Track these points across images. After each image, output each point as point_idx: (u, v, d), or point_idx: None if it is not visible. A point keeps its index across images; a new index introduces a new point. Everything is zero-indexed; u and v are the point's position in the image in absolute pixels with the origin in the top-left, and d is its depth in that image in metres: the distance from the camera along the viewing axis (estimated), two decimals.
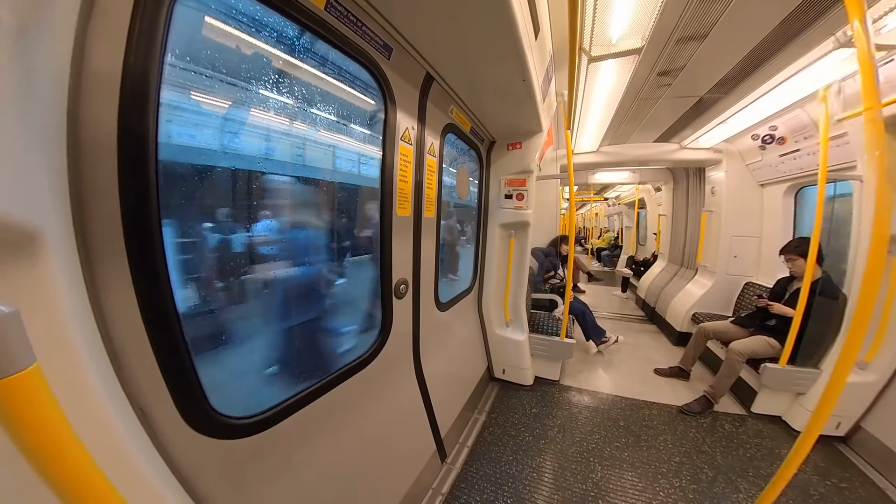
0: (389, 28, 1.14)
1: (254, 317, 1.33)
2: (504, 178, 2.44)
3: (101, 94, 0.55)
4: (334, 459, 1.12)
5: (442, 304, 1.97)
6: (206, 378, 0.75)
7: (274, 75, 1.13)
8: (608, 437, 2.06)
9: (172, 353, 0.67)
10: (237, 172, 1.17)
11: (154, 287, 0.63)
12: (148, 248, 0.62)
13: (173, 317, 0.66)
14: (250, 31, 0.97)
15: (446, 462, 1.83)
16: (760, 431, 2.12)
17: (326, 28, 0.97)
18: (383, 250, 1.36)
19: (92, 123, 0.54)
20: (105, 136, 0.55)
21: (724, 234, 3.34)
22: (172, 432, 0.69)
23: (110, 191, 0.57)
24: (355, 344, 1.45)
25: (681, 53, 1.81)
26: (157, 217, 0.62)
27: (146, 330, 0.63)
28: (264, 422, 0.88)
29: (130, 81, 0.57)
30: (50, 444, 0.35)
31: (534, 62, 1.39)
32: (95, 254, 0.57)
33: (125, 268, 0.60)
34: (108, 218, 0.57)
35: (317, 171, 1.53)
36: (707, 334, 2.68)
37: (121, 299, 0.60)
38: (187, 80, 0.88)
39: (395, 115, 1.31)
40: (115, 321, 0.59)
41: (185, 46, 0.80)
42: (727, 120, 2.71)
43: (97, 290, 0.57)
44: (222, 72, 0.97)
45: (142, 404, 0.63)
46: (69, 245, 0.52)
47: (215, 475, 0.77)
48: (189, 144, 1.00)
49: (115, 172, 0.57)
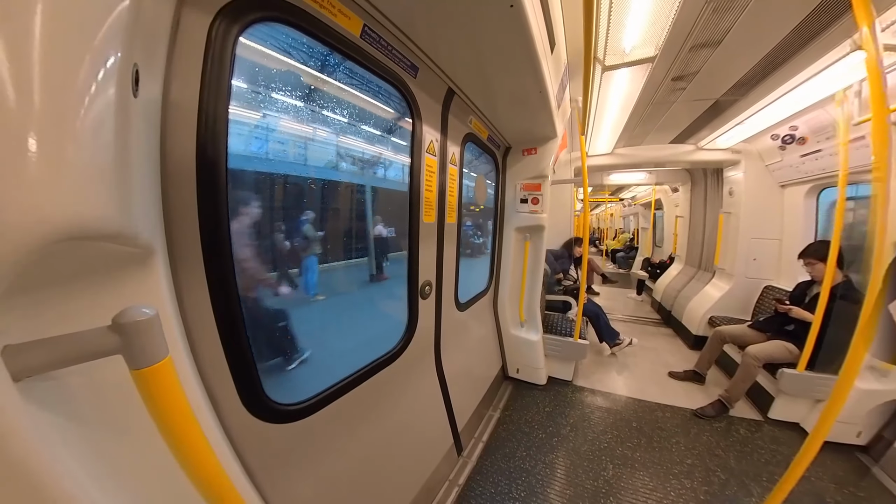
0: (416, 49, 1.23)
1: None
2: (520, 182, 2.51)
3: (182, 126, 0.64)
4: (362, 447, 1.21)
5: (461, 305, 2.06)
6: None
7: (332, 103, 1.23)
8: (620, 438, 2.10)
9: (237, 348, 0.77)
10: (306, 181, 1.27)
11: (224, 290, 0.73)
12: (219, 256, 0.72)
13: (238, 316, 0.77)
14: (301, 59, 1.08)
15: (463, 455, 1.91)
16: (777, 437, 2.11)
17: (361, 53, 1.07)
18: (411, 255, 1.46)
19: (176, 149, 0.64)
20: (185, 160, 0.66)
21: (742, 237, 3.30)
22: (235, 415, 0.79)
23: (190, 208, 0.67)
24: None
25: (694, 59, 1.83)
26: (227, 227, 0.73)
27: (217, 327, 0.73)
28: (306, 409, 0.99)
29: (205, 113, 0.67)
30: (179, 422, 0.43)
31: (549, 73, 1.46)
32: (181, 261, 0.67)
33: (201, 272, 0.70)
34: (189, 230, 0.68)
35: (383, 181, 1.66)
36: (724, 338, 2.68)
37: (198, 301, 0.70)
38: (250, 105, 0.99)
39: (420, 128, 1.41)
40: (194, 320, 0.70)
41: (248, 77, 0.92)
42: (745, 121, 2.69)
43: (181, 294, 0.67)
44: (282, 94, 1.08)
45: (212, 390, 0.73)
46: (165, 254, 0.64)
47: (264, 454, 0.87)
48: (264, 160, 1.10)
49: (195, 193, 0.67)
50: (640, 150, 3.75)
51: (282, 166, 1.20)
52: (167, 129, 0.62)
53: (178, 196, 0.66)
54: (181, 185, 0.66)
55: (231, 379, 0.77)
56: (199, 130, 0.66)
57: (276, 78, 1.08)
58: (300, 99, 1.18)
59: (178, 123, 0.64)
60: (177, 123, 0.63)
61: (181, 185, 0.66)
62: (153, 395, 0.40)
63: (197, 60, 0.65)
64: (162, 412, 0.41)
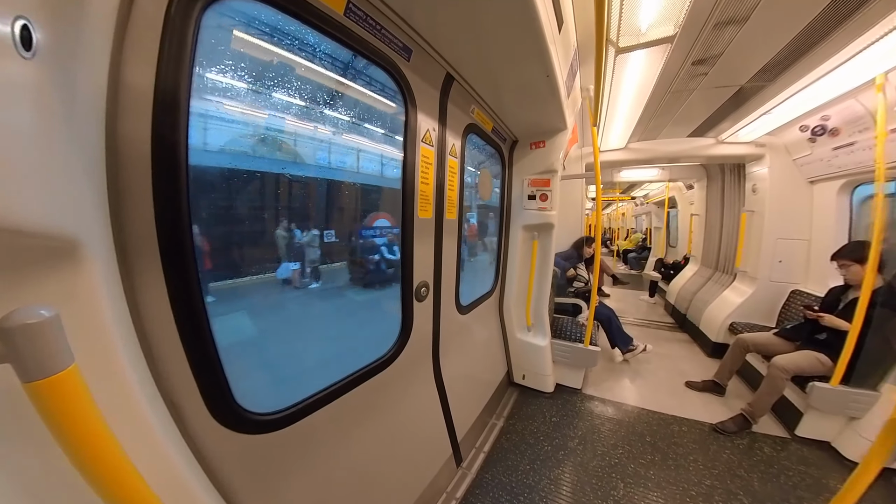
0: (408, 29, 1.14)
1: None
2: (527, 178, 2.40)
3: (136, 108, 0.58)
4: (351, 458, 1.15)
5: (463, 307, 1.97)
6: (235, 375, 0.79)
7: (298, 82, 1.16)
8: (633, 453, 1.97)
9: (201, 351, 0.71)
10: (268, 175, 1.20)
11: (185, 287, 0.67)
12: (179, 251, 0.66)
13: (202, 316, 0.71)
14: (273, 40, 1.00)
15: (462, 466, 1.82)
16: (805, 458, 1.95)
17: (346, 33, 0.98)
18: (404, 253, 1.37)
19: (128, 136, 0.58)
20: (140, 148, 0.59)
21: (767, 237, 3.11)
22: (200, 426, 0.73)
23: (145, 199, 0.61)
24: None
25: (718, 40, 1.69)
26: (188, 221, 0.66)
27: (178, 330, 0.67)
28: (286, 418, 0.92)
29: (162, 94, 0.60)
30: (86, 440, 0.38)
31: (557, 56, 1.34)
32: (133, 258, 0.61)
33: (159, 270, 0.64)
34: (144, 224, 0.62)
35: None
36: (746, 346, 2.52)
37: (155, 299, 0.64)
38: (215, 90, 0.91)
39: (415, 116, 1.32)
40: (150, 320, 0.64)
41: (212, 58, 0.83)
42: (771, 111, 2.52)
43: (134, 291, 0.62)
44: (248, 80, 1.01)
45: (173, 398, 0.67)
46: (108, 251, 0.56)
47: (238, 467, 0.81)
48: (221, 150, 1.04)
49: (150, 182, 0.61)
50: (656, 144, 3.58)
51: (247, 160, 1.13)
52: (118, 113, 0.57)
53: (131, 187, 0.59)
54: (134, 176, 0.60)
55: (195, 386, 0.72)
56: (155, 116, 0.60)
57: (249, 63, 0.99)
58: (275, 86, 1.09)
59: (130, 107, 0.58)
60: (129, 107, 0.58)
61: (134, 176, 0.60)
62: (52, 411, 0.36)
63: (154, 38, 0.59)
64: (65, 430, 0.37)
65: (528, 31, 1.10)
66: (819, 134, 2.59)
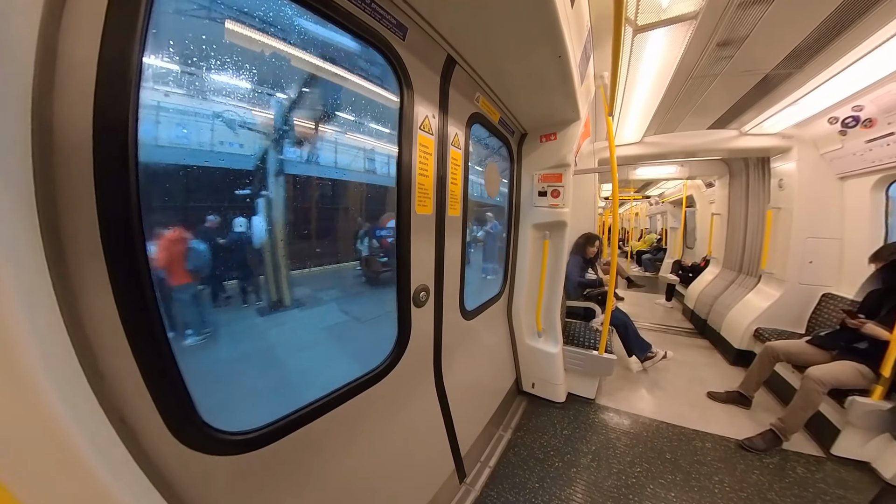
0: (402, 4, 1.05)
1: None
2: (537, 173, 2.29)
3: (75, 85, 0.52)
4: (344, 477, 1.07)
5: (468, 312, 1.87)
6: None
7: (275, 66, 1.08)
8: (651, 472, 1.84)
9: (155, 359, 0.64)
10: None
11: (134, 288, 0.60)
12: (126, 245, 0.59)
13: (156, 319, 0.63)
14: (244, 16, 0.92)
15: (465, 482, 1.73)
16: (843, 480, 1.80)
17: (330, 6, 0.90)
18: (400, 254, 1.27)
19: (62, 115, 0.51)
20: (77, 130, 0.52)
21: (795, 236, 2.94)
22: (160, 448, 0.66)
23: (85, 191, 0.54)
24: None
25: (744, 20, 1.57)
26: (137, 215, 0.59)
27: (126, 334, 0.60)
28: (265, 436, 0.84)
29: (107, 71, 0.53)
30: None
31: (570, 36, 1.24)
32: (70, 254, 0.54)
33: (102, 268, 0.57)
34: (82, 219, 0.55)
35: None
36: (776, 355, 2.36)
37: (97, 302, 0.57)
38: (170, 70, 0.83)
39: (412, 101, 1.22)
40: (92, 326, 0.57)
41: (170, 32, 0.76)
42: (799, 100, 2.37)
43: (72, 294, 0.54)
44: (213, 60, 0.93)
45: (123, 416, 0.60)
46: (28, 245, 0.48)
47: (210, 494, 0.73)
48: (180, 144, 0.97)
49: (91, 170, 0.54)
50: (674, 137, 3.43)
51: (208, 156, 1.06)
52: (54, 88, 0.50)
53: (67, 172, 0.52)
54: (72, 159, 0.52)
55: (151, 401, 0.64)
56: (97, 91, 0.53)
57: (215, 41, 0.91)
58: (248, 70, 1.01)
59: (66, 78, 0.51)
60: (65, 78, 0.51)
61: (72, 159, 0.52)
62: None
63: (98, 4, 0.52)
64: None
65: (538, 5, 1.00)
66: (850, 126, 2.43)
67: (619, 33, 1.36)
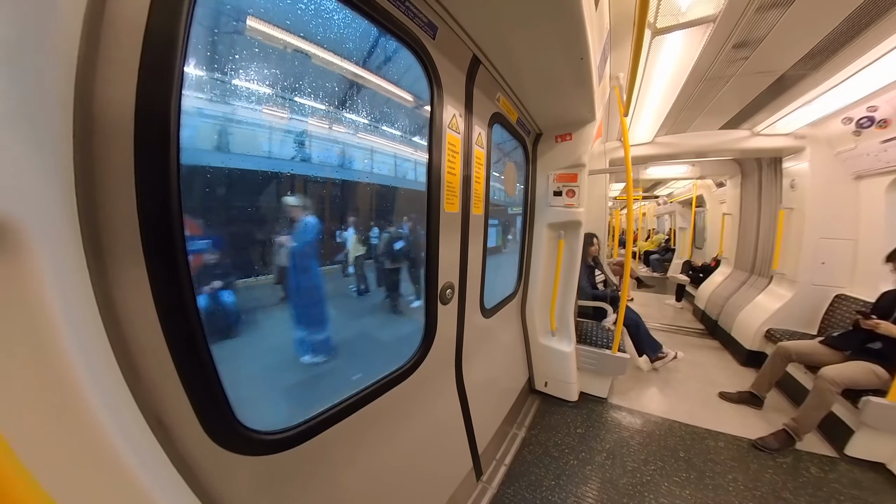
0: (433, 3, 1.08)
1: None
2: (552, 173, 2.32)
3: (118, 69, 0.50)
4: (369, 474, 1.09)
5: (486, 310, 1.90)
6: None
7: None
8: (666, 470, 1.87)
9: (193, 361, 0.63)
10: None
11: (174, 287, 0.59)
12: (167, 244, 0.57)
13: (195, 320, 0.62)
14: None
15: (482, 480, 1.76)
16: (858, 481, 1.81)
17: (370, 4, 0.93)
18: (429, 251, 1.30)
19: (106, 97, 0.49)
20: (120, 114, 0.51)
21: (808, 237, 2.95)
22: (195, 447, 0.65)
23: (125, 183, 0.52)
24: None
25: (762, 22, 1.59)
26: (178, 211, 0.58)
27: (164, 334, 0.59)
28: (298, 436, 0.85)
29: (152, 54, 0.51)
30: None
31: (592, 37, 1.27)
32: (108, 250, 0.53)
33: (142, 266, 0.55)
34: (122, 212, 0.53)
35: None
36: (788, 356, 2.38)
37: (136, 300, 0.56)
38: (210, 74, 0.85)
39: (441, 99, 1.25)
40: (130, 325, 0.55)
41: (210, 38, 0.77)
42: (813, 101, 2.38)
43: (110, 291, 0.53)
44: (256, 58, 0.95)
45: (159, 417, 0.59)
46: (69, 239, 0.47)
47: (242, 492, 0.74)
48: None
49: (132, 161, 0.52)
50: (686, 137, 3.45)
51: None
52: (95, 70, 0.48)
53: (106, 164, 0.51)
54: (113, 151, 0.51)
55: (188, 403, 0.63)
56: (140, 76, 0.51)
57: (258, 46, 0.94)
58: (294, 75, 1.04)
59: (110, 62, 0.49)
60: (108, 62, 0.49)
61: (113, 151, 0.51)
62: None
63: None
64: None
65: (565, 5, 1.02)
66: (865, 126, 2.44)
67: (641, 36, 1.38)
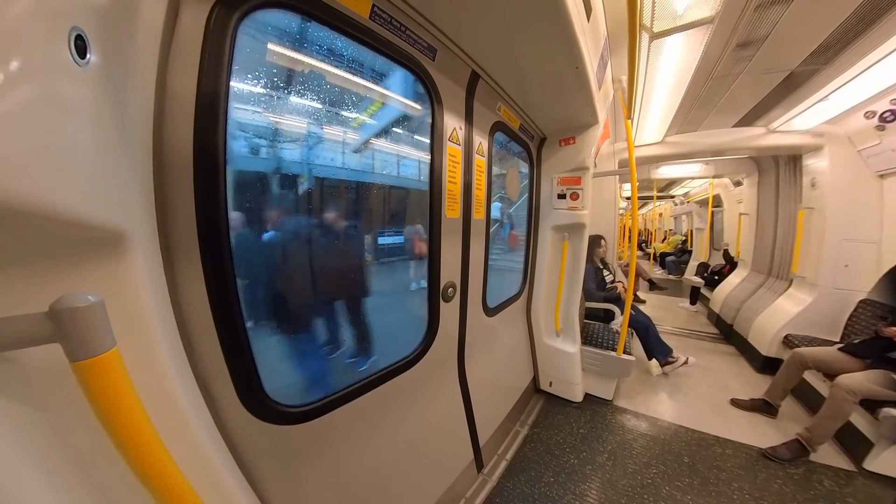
0: (432, 28, 1.16)
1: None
2: (556, 176, 2.34)
3: (180, 114, 0.65)
4: (373, 455, 1.18)
5: (489, 309, 1.96)
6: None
7: (327, 87, 1.21)
8: (668, 474, 1.85)
9: (235, 342, 0.77)
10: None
11: (222, 280, 0.73)
12: (217, 245, 0.71)
13: (237, 307, 0.76)
14: (304, 49, 1.04)
15: (483, 472, 1.82)
16: (876, 497, 1.72)
17: (372, 36, 1.02)
18: (431, 253, 1.40)
19: (172, 140, 0.64)
20: (183, 151, 0.66)
21: (829, 238, 2.82)
22: (231, 413, 0.78)
23: (187, 198, 0.67)
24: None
25: (763, 20, 1.55)
26: (225, 219, 0.72)
27: (213, 319, 0.73)
28: (312, 412, 0.96)
29: (203, 101, 0.66)
30: (122, 418, 0.42)
31: (587, 47, 1.30)
32: (175, 251, 0.67)
33: (198, 264, 0.70)
34: (185, 221, 0.68)
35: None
36: (805, 362, 2.29)
37: (193, 290, 0.70)
38: (250, 97, 0.97)
39: (441, 116, 1.34)
40: (188, 310, 0.70)
41: (248, 68, 0.90)
42: (828, 97, 2.28)
43: (175, 282, 0.67)
44: (280, 87, 1.06)
45: (207, 386, 0.73)
46: (153, 244, 0.62)
47: (264, 455, 0.86)
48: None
49: (191, 182, 0.67)
50: (697, 136, 3.37)
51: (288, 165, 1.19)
52: (164, 118, 0.63)
53: (174, 187, 0.66)
54: (178, 175, 0.66)
55: (229, 376, 0.77)
56: (196, 121, 0.66)
57: (281, 73, 1.05)
58: (304, 93, 1.15)
59: (175, 112, 0.64)
60: (174, 112, 0.64)
61: (178, 175, 0.66)
62: (94, 390, 0.40)
63: (195, 49, 0.65)
64: (104, 408, 0.41)
65: (556, 22, 1.08)
66: (889, 120, 2.32)
67: (635, 41, 1.40)
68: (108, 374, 0.40)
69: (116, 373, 0.41)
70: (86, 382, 0.39)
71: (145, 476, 0.44)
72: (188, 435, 0.62)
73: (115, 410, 0.41)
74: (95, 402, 0.40)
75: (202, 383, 0.71)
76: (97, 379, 0.39)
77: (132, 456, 0.43)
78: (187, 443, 0.61)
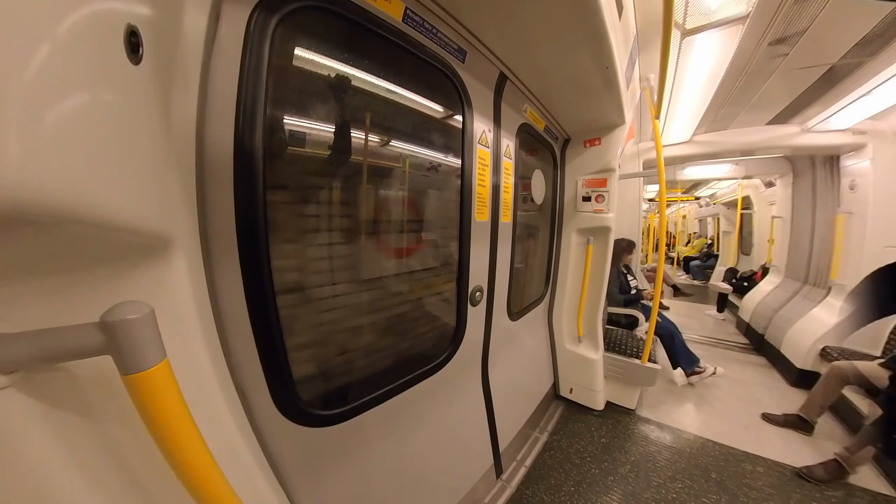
0: (461, 30, 1.18)
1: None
2: (581, 178, 2.33)
3: (221, 118, 0.67)
4: (395, 458, 1.21)
5: (513, 314, 1.97)
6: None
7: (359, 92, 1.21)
8: (694, 489, 1.81)
9: (271, 345, 0.79)
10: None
11: (259, 284, 0.75)
12: (255, 250, 0.73)
13: (273, 312, 0.78)
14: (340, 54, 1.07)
15: (501, 478, 1.82)
16: None
17: (404, 39, 1.05)
18: (461, 257, 1.42)
19: (214, 144, 0.66)
20: (223, 156, 0.67)
21: (870, 244, 2.71)
22: (265, 416, 0.81)
23: (227, 203, 0.69)
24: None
25: (801, 14, 1.51)
26: (264, 222, 0.74)
27: (251, 325, 0.75)
28: (340, 415, 1.00)
29: (243, 104, 0.68)
30: (172, 430, 0.42)
31: (617, 45, 1.30)
32: (215, 256, 0.69)
33: (237, 271, 0.72)
34: (225, 225, 0.69)
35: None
36: (845, 377, 2.20)
37: (232, 295, 0.72)
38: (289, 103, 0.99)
39: (471, 118, 1.36)
40: (227, 315, 0.72)
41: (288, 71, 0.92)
42: (872, 91, 2.19)
43: (215, 287, 0.69)
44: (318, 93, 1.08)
45: (244, 390, 0.76)
46: (195, 250, 0.64)
47: (294, 456, 0.89)
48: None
49: (232, 186, 0.69)
50: (727, 135, 3.28)
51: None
52: (205, 121, 0.64)
53: (215, 190, 0.67)
54: (219, 179, 0.67)
55: (264, 380, 0.79)
56: (237, 125, 0.68)
57: (319, 78, 1.07)
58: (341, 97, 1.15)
59: (216, 116, 0.66)
60: (215, 116, 0.65)
61: (219, 179, 0.67)
62: (145, 403, 0.40)
63: (236, 53, 0.67)
64: (155, 420, 0.41)
65: (587, 20, 1.08)
66: None
67: (668, 39, 1.38)
68: (159, 388, 0.40)
69: (167, 385, 0.41)
70: (137, 396, 0.39)
71: (195, 489, 0.45)
72: (228, 440, 0.63)
73: (166, 422, 0.41)
74: (146, 415, 0.40)
75: (239, 387, 0.73)
76: (148, 392, 0.39)
77: (180, 466, 0.44)
78: (228, 449, 0.62)
